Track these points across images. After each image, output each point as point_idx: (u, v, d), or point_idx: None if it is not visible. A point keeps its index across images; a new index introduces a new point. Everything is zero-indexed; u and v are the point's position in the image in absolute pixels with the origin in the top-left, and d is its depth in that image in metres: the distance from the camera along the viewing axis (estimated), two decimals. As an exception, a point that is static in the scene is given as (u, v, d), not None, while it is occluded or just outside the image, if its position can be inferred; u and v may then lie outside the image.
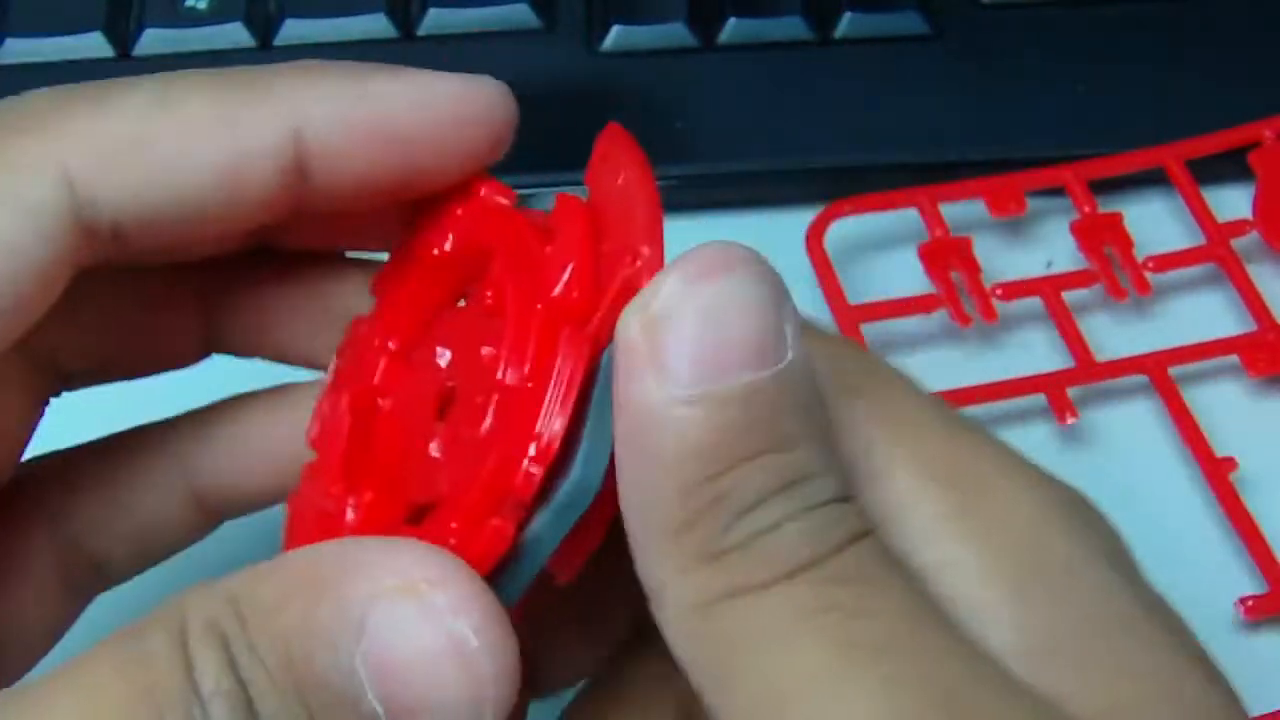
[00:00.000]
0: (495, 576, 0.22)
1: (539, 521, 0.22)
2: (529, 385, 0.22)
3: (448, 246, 0.26)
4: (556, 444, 0.22)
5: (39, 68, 0.44)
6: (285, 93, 0.25)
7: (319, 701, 0.20)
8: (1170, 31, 0.45)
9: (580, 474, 0.22)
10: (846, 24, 0.44)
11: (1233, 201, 0.42)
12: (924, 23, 0.44)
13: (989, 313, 0.40)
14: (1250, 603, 0.36)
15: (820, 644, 0.20)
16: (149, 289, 0.28)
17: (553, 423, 0.22)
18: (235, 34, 0.44)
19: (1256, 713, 0.34)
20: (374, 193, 0.26)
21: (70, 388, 0.28)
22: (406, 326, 0.26)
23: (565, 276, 0.23)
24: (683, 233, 0.43)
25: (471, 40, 0.45)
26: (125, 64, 0.44)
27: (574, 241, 0.23)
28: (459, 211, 0.26)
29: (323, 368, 0.28)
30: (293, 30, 0.45)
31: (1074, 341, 0.39)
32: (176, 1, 0.45)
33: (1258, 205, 0.42)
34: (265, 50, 0.44)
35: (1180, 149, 0.42)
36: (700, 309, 0.21)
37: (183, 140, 0.24)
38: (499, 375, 0.23)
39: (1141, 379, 0.39)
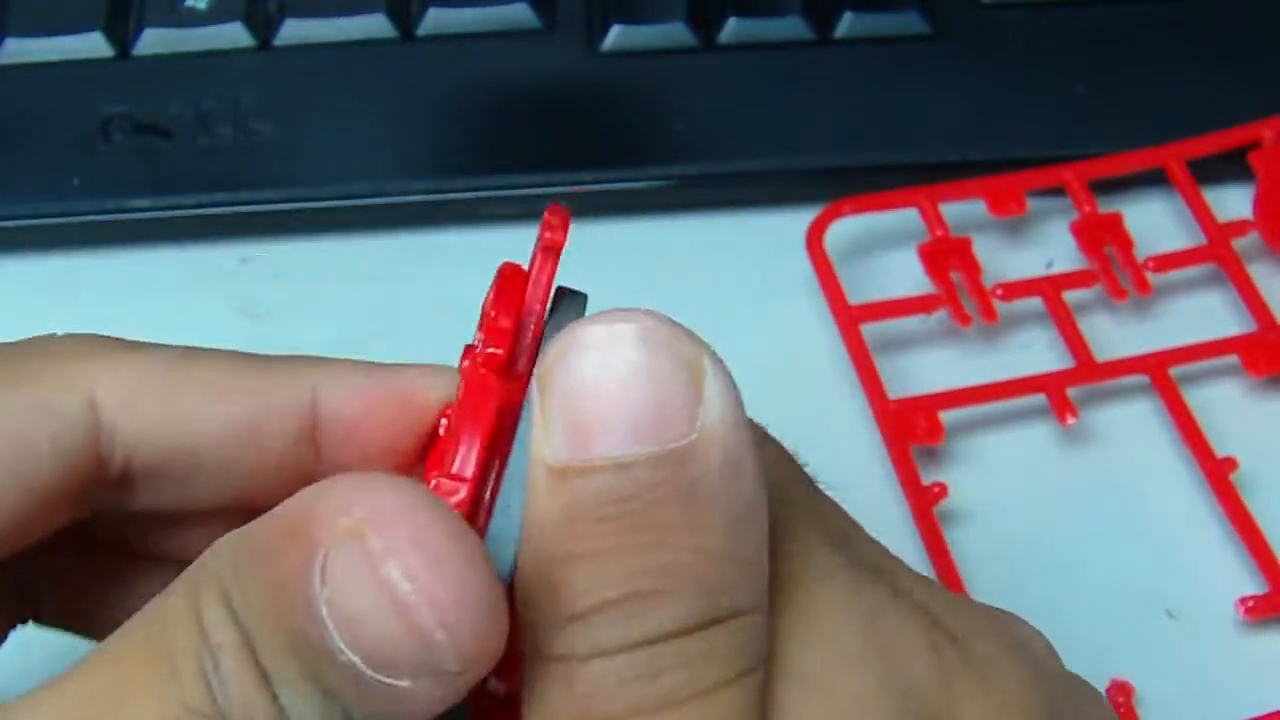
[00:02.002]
0: None
1: None
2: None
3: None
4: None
5: (39, 68, 0.44)
6: (303, 366, 0.25)
7: (307, 650, 0.19)
8: (1170, 31, 0.44)
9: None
10: (846, 24, 0.44)
11: (1233, 201, 0.42)
12: (924, 23, 0.44)
13: (989, 313, 0.40)
14: (1250, 603, 0.36)
15: None
16: None
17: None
18: (235, 34, 0.44)
19: (1256, 712, 0.34)
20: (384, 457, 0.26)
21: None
22: None
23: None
24: (683, 233, 0.43)
25: (471, 40, 0.45)
26: (125, 63, 0.44)
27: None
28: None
29: None
30: (293, 30, 0.45)
31: (1074, 341, 0.39)
32: (176, 1, 0.45)
33: (1258, 205, 0.42)
34: (265, 50, 0.44)
35: (1180, 149, 0.42)
36: (579, 372, 0.19)
37: (209, 393, 0.24)
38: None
39: (1142, 379, 0.39)
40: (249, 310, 0.42)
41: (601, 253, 0.43)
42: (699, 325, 0.44)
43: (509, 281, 0.23)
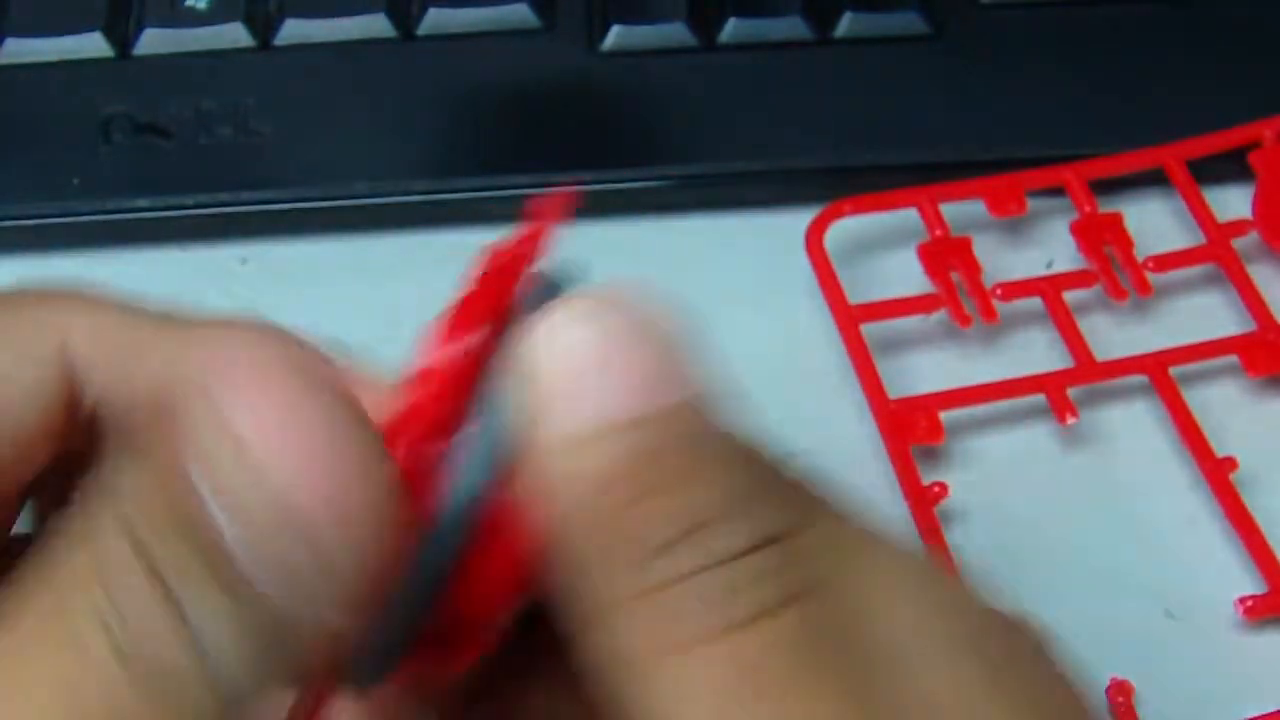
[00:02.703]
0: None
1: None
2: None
3: None
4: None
5: (39, 68, 0.44)
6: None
7: (199, 544, 0.19)
8: (1170, 31, 0.45)
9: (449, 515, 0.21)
10: (846, 24, 0.44)
11: (1233, 201, 0.42)
12: (924, 23, 0.44)
13: (989, 313, 0.40)
14: (1250, 603, 0.36)
15: None
16: None
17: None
18: (235, 34, 0.44)
19: (1256, 712, 0.34)
20: None
21: None
22: None
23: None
24: (683, 233, 0.43)
25: (471, 40, 0.45)
26: (125, 63, 0.44)
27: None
28: None
29: None
30: (292, 30, 0.45)
31: (1074, 341, 0.39)
32: (176, 1, 0.45)
33: (1258, 205, 0.42)
34: (265, 50, 0.44)
35: (1180, 149, 0.42)
36: (577, 346, 0.21)
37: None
38: None
39: (1141, 379, 0.39)
40: (249, 310, 0.42)
41: (602, 253, 0.43)
42: (699, 325, 0.44)
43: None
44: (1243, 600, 0.36)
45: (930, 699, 0.21)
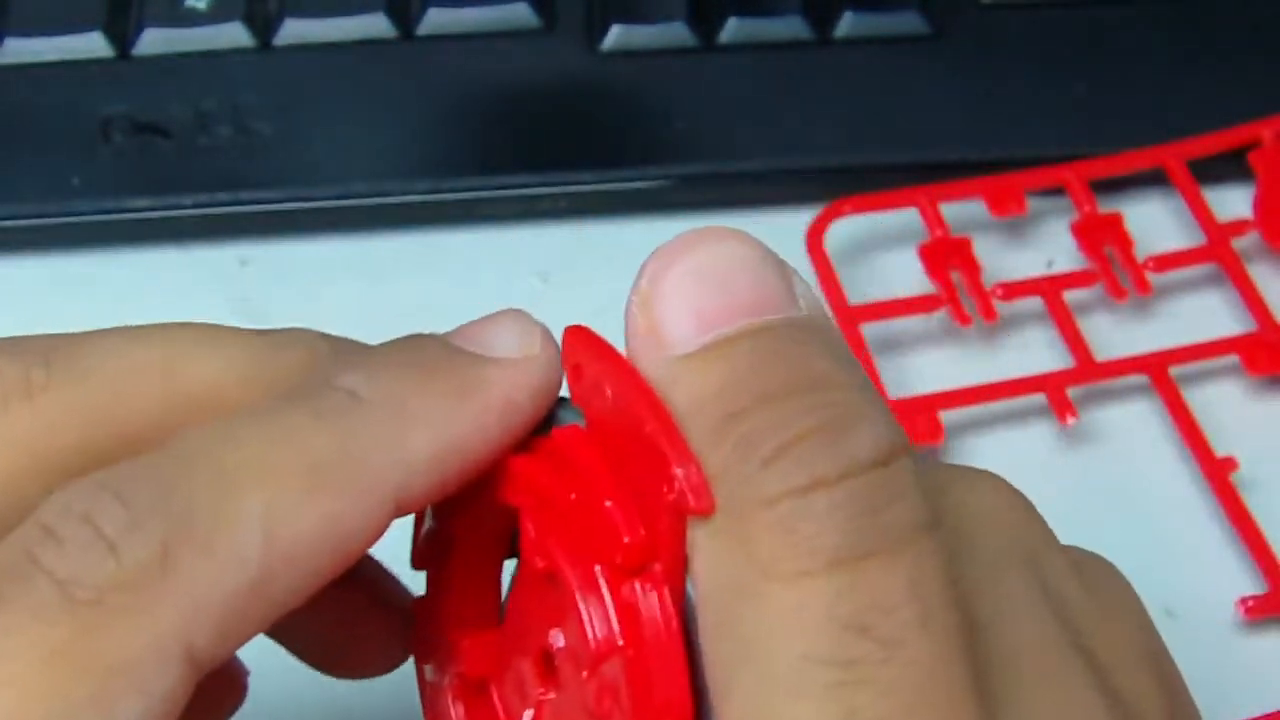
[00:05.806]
0: None
1: None
2: (628, 653, 0.20)
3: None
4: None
5: (39, 68, 0.44)
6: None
7: None
8: (1170, 31, 0.44)
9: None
10: (846, 24, 0.44)
11: (1233, 201, 0.42)
12: (924, 23, 0.44)
13: (989, 313, 0.40)
14: (1250, 603, 0.36)
15: (817, 702, 0.18)
16: None
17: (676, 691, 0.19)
18: (235, 34, 0.44)
19: (1256, 712, 0.34)
20: None
21: None
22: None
23: (622, 533, 0.20)
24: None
25: (471, 40, 0.45)
26: (125, 63, 0.44)
27: (600, 484, 0.21)
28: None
29: None
30: (292, 30, 0.44)
31: (1074, 341, 0.39)
32: (176, 1, 0.45)
33: (1258, 205, 0.42)
34: (265, 50, 0.44)
35: (1180, 149, 0.42)
36: (685, 273, 0.20)
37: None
38: (588, 648, 0.20)
39: (1141, 379, 0.39)
40: (249, 310, 0.42)
41: (602, 253, 0.43)
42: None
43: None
44: (1243, 600, 0.36)
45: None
